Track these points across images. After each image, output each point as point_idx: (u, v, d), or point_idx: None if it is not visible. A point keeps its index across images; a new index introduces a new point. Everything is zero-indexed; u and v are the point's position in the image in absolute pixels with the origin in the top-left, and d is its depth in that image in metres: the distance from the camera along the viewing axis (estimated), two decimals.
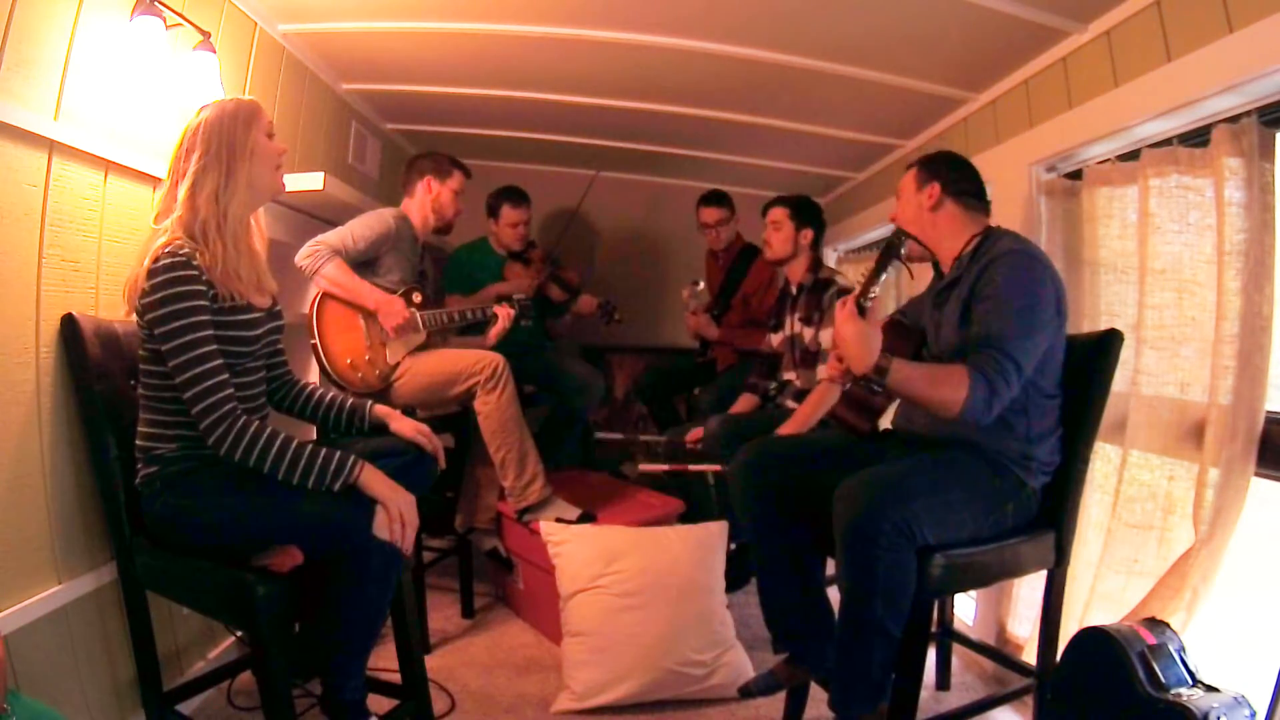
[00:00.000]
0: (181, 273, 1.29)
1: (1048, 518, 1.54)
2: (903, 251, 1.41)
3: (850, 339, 1.35)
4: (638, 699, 1.90)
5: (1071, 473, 1.53)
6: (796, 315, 2.47)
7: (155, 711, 1.53)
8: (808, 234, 2.46)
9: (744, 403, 2.59)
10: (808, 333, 2.40)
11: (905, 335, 1.68)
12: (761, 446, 1.71)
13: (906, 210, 1.64)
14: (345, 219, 2.22)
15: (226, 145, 1.38)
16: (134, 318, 1.38)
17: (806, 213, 2.47)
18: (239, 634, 1.90)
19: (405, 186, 2.39)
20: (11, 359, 1.35)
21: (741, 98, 2.62)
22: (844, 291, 2.36)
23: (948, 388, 1.35)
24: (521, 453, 2.21)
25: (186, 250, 1.31)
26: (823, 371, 2.30)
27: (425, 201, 2.36)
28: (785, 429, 2.20)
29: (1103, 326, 1.66)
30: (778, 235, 2.46)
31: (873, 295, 1.36)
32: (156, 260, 1.30)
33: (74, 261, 1.49)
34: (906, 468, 1.43)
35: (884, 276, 1.38)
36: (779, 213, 2.47)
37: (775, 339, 2.58)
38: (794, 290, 2.51)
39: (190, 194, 1.36)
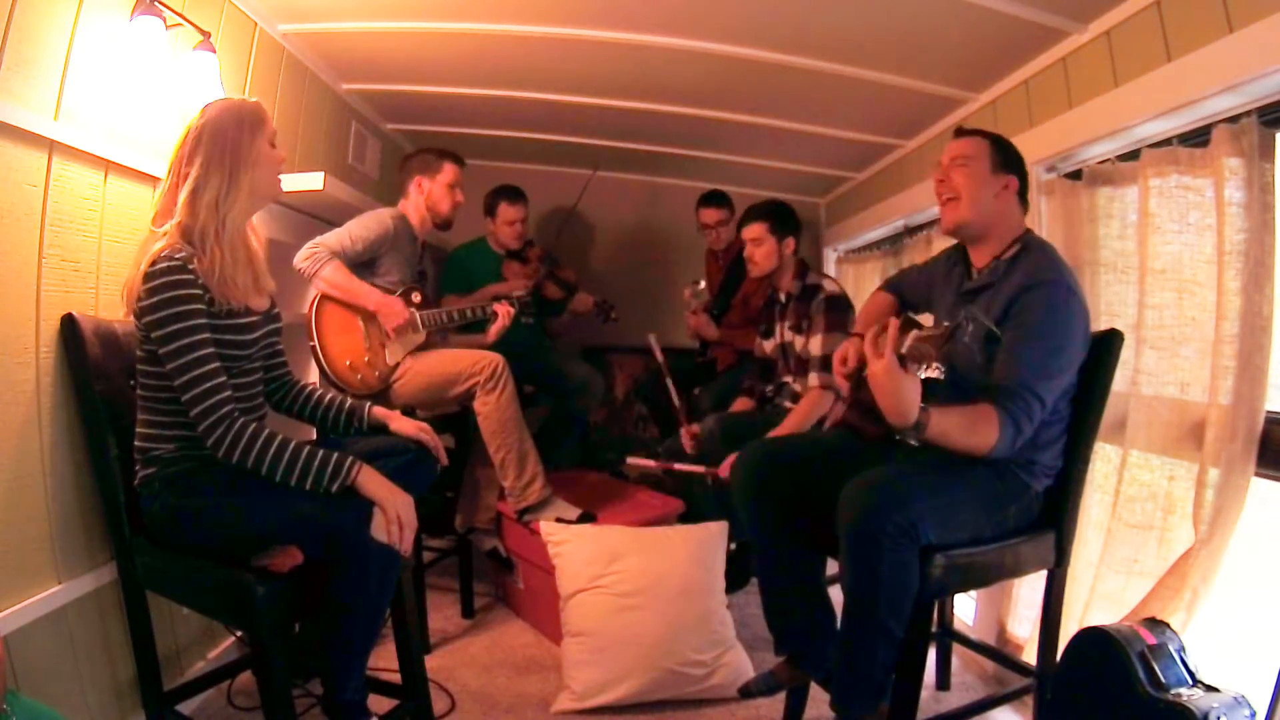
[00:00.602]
0: (178, 276, 1.29)
1: (1048, 518, 1.54)
2: (966, 340, 1.31)
3: (889, 393, 1.28)
4: (638, 699, 1.90)
5: (1072, 473, 1.53)
6: (786, 324, 2.45)
7: (155, 711, 1.53)
8: (790, 243, 2.40)
9: (740, 405, 2.59)
10: (799, 341, 2.38)
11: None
12: (764, 447, 1.70)
13: (978, 190, 1.50)
14: (345, 219, 2.22)
15: (230, 152, 1.37)
16: (131, 318, 1.38)
17: (784, 221, 2.40)
18: (239, 634, 1.90)
19: (400, 188, 2.39)
20: (11, 359, 1.35)
21: (741, 98, 2.62)
22: (832, 297, 2.32)
23: (980, 435, 1.35)
24: (521, 453, 2.21)
25: (183, 254, 1.31)
26: (814, 380, 2.29)
27: (419, 202, 2.36)
28: (778, 433, 2.19)
29: (1103, 326, 1.65)
30: (760, 250, 2.39)
31: (922, 370, 1.26)
32: (154, 264, 1.30)
33: (74, 261, 1.49)
34: (910, 469, 1.43)
35: (936, 362, 1.28)
36: (758, 229, 2.39)
37: (767, 345, 2.56)
38: (782, 298, 2.48)
39: (190, 199, 1.35)
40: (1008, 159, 1.52)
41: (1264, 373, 1.41)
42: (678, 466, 2.42)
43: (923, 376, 1.26)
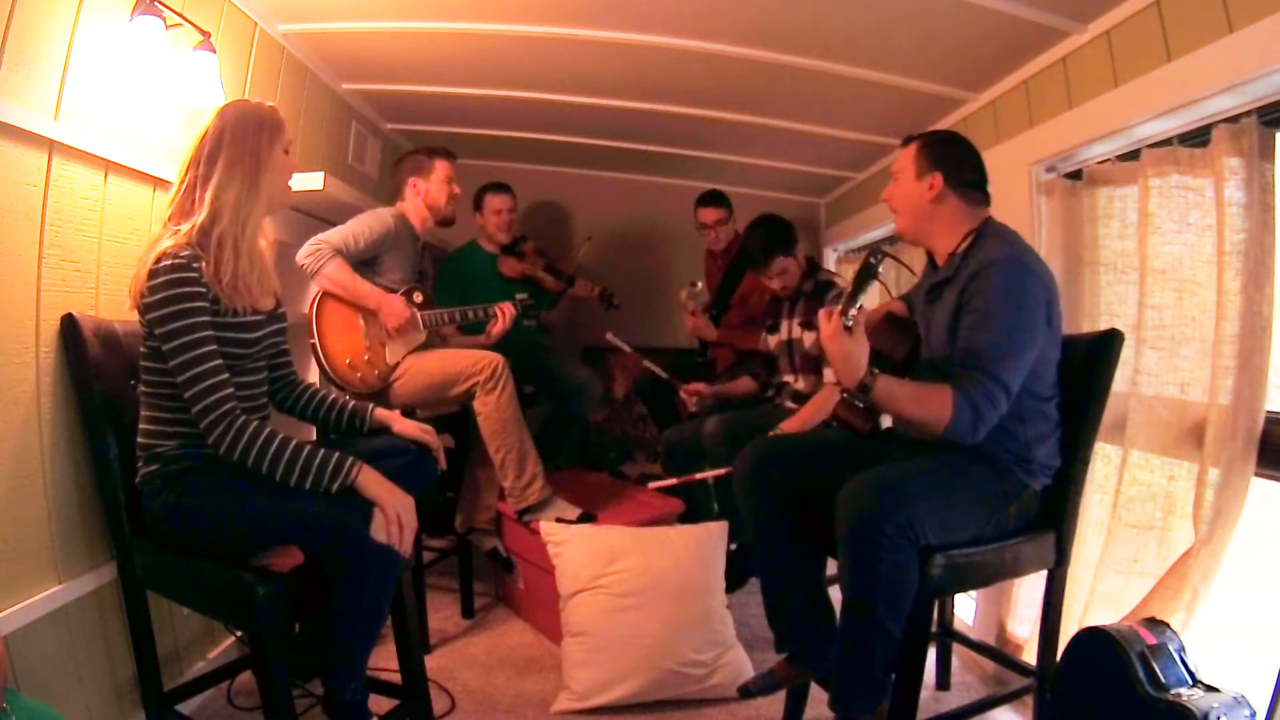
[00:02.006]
0: (181, 275, 1.30)
1: (1048, 518, 1.54)
2: (879, 271, 1.36)
3: (836, 356, 1.35)
4: (638, 699, 1.90)
5: (1071, 473, 1.53)
6: (795, 320, 2.46)
7: (155, 711, 1.53)
8: (800, 250, 2.47)
9: (741, 383, 2.58)
10: (808, 337, 2.39)
11: (902, 331, 1.67)
12: (764, 447, 1.70)
13: (905, 200, 1.57)
14: (345, 219, 2.22)
15: (253, 156, 1.39)
16: (136, 314, 1.38)
17: (791, 240, 2.43)
18: (239, 634, 1.90)
19: (396, 193, 2.39)
20: (11, 359, 1.35)
21: (741, 98, 2.62)
22: (844, 294, 2.35)
23: (931, 410, 1.36)
24: (521, 453, 2.21)
25: (188, 254, 1.32)
26: (829, 376, 2.30)
27: (417, 204, 2.36)
28: (787, 426, 2.20)
29: (1103, 326, 1.66)
30: (787, 276, 2.44)
31: (853, 315, 1.33)
32: (159, 261, 1.30)
33: (74, 261, 1.49)
34: (909, 469, 1.43)
35: (861, 298, 1.34)
36: (782, 263, 2.42)
37: (772, 341, 2.56)
38: (792, 294, 2.51)
39: (215, 199, 1.36)
40: (932, 156, 1.52)
41: (1264, 373, 1.41)
42: (699, 476, 2.43)
43: (852, 313, 1.33)
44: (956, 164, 1.52)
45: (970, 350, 1.38)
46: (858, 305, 1.34)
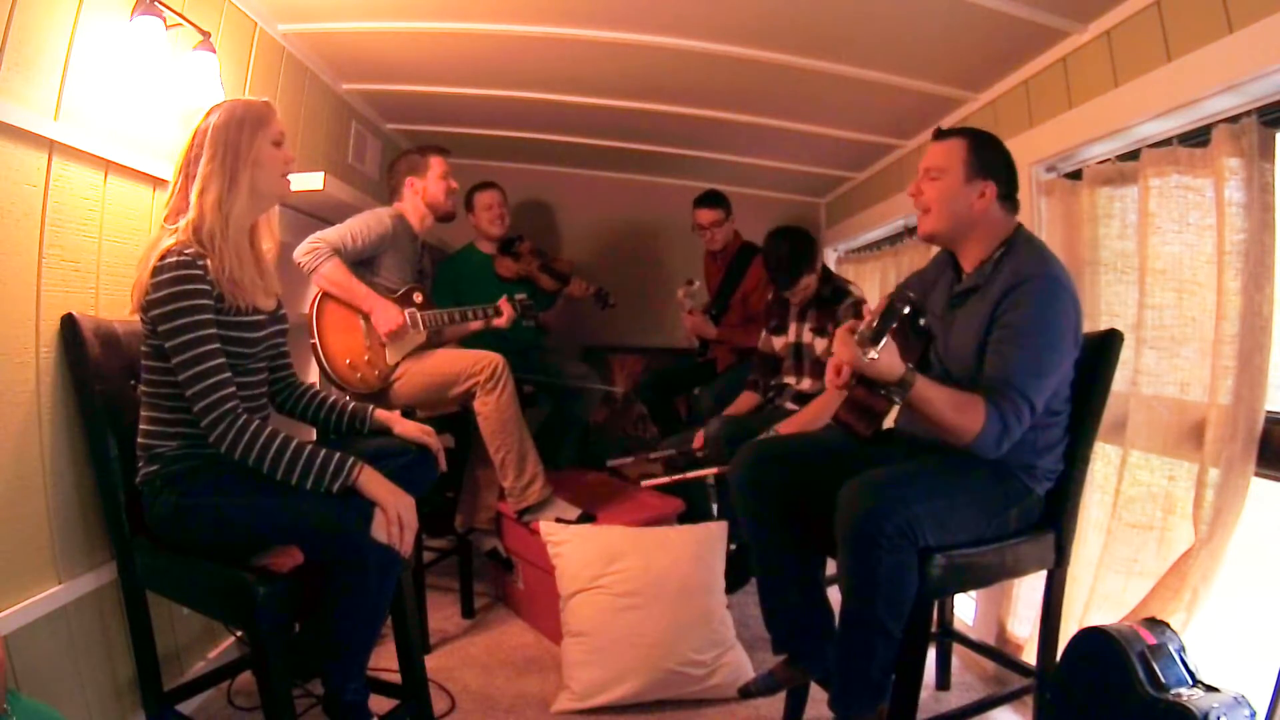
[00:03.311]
0: (186, 271, 1.30)
1: (1048, 518, 1.54)
2: (904, 315, 1.33)
3: (870, 370, 1.32)
4: (638, 699, 1.90)
5: (1072, 473, 1.53)
6: (807, 325, 2.46)
7: (155, 711, 1.53)
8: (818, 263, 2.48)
9: (745, 400, 2.58)
10: (820, 344, 2.39)
11: (911, 338, 1.65)
12: (761, 447, 1.70)
13: (949, 203, 1.48)
14: (345, 219, 2.22)
15: (231, 152, 1.39)
16: (138, 315, 1.38)
17: (812, 257, 2.44)
18: (239, 634, 1.90)
19: (394, 192, 2.40)
20: (11, 359, 1.35)
21: (741, 98, 2.62)
22: (860, 303, 2.32)
23: (965, 417, 1.34)
24: (521, 453, 2.21)
25: (193, 250, 1.32)
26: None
27: (416, 203, 2.36)
28: (785, 427, 2.19)
29: (1103, 326, 1.66)
30: (806, 291, 2.45)
31: (872, 357, 1.29)
32: (163, 259, 1.31)
33: (74, 261, 1.49)
34: (910, 470, 1.42)
35: (885, 339, 1.29)
36: (808, 280, 2.44)
37: (776, 342, 2.56)
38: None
39: (199, 199, 1.37)
40: (986, 163, 1.47)
41: (1264, 373, 1.41)
42: (690, 475, 2.43)
43: (873, 354, 1.29)
44: (1007, 173, 1.48)
45: (1002, 366, 1.37)
46: (881, 345, 1.29)
